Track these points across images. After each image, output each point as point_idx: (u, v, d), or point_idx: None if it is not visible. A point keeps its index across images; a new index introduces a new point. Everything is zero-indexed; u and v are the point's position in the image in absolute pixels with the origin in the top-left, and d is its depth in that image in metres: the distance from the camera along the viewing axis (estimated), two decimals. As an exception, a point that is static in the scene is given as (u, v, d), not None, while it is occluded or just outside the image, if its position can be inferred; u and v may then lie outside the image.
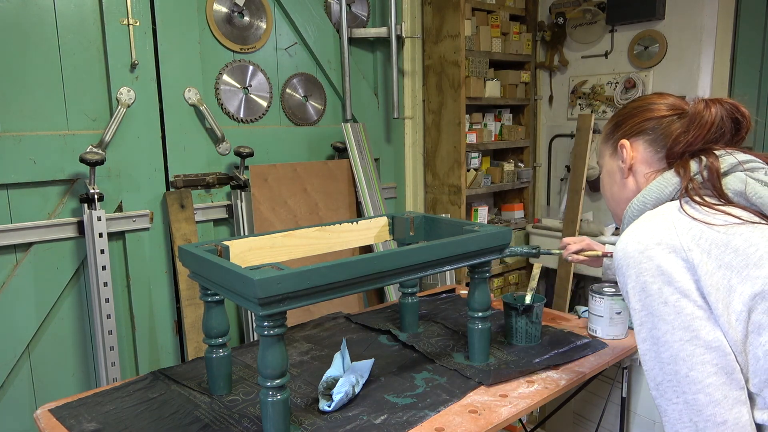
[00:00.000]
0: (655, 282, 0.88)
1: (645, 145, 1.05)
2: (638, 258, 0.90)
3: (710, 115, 0.98)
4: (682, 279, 0.87)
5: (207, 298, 1.30)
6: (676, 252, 0.88)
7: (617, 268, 0.95)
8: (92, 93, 2.24)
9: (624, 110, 1.11)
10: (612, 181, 1.12)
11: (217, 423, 1.21)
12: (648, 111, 1.05)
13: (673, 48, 3.05)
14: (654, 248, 0.90)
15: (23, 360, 2.16)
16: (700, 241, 0.88)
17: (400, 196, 3.32)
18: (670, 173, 0.99)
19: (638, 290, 0.90)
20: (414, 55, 3.23)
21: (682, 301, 0.87)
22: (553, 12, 3.52)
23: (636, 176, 1.06)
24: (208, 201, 2.56)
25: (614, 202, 1.13)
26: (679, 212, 0.93)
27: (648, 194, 1.00)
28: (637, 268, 0.90)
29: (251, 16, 2.64)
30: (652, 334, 0.90)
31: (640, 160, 1.06)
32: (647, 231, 0.92)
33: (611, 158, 1.11)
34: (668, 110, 1.03)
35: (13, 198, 2.10)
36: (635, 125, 1.06)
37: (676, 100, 1.04)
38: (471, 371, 1.42)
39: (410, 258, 1.25)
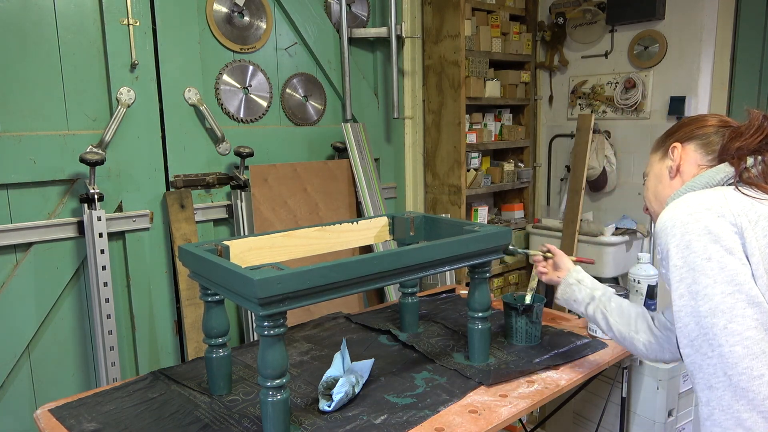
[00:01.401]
0: (700, 240, 0.91)
1: (695, 147, 1.11)
2: (686, 219, 0.93)
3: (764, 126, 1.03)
4: (728, 238, 0.90)
5: (207, 298, 1.30)
6: (725, 217, 0.92)
7: (659, 233, 0.97)
8: (92, 93, 2.24)
9: (679, 122, 1.19)
10: (657, 181, 1.16)
11: (217, 423, 1.21)
12: (701, 122, 1.13)
13: (673, 48, 3.05)
14: (704, 212, 0.93)
15: (23, 360, 2.16)
16: (749, 212, 0.92)
17: (400, 196, 3.32)
18: (723, 164, 1.04)
19: (682, 247, 0.92)
20: (414, 55, 3.23)
21: (726, 257, 0.89)
22: (553, 12, 3.52)
23: (683, 176, 1.11)
24: (208, 201, 2.56)
25: (657, 202, 1.16)
26: (733, 190, 0.97)
27: (698, 180, 1.04)
28: (683, 228, 0.93)
29: (251, 16, 2.64)
30: (691, 289, 0.91)
31: (688, 161, 1.11)
32: (697, 199, 0.96)
33: (660, 161, 1.16)
34: (719, 123, 1.11)
35: (13, 198, 2.10)
36: (688, 131, 1.13)
37: (725, 117, 1.13)
38: (471, 371, 1.42)
39: (410, 258, 1.25)
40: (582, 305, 1.38)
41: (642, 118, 3.21)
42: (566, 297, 1.42)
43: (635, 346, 1.29)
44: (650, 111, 3.17)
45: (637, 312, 1.31)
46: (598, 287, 1.39)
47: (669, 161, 1.14)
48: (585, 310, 1.37)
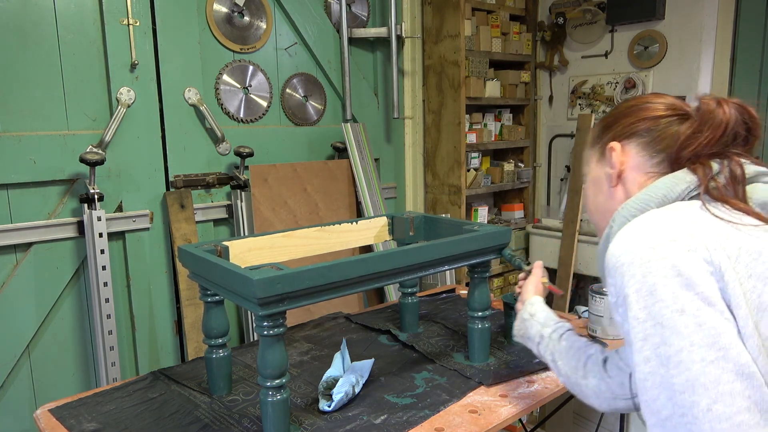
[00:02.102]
0: (668, 284, 0.68)
1: (638, 148, 0.89)
2: (647, 255, 0.71)
3: (724, 115, 0.83)
4: (704, 283, 0.68)
5: (207, 298, 1.30)
6: (698, 252, 0.70)
7: (609, 270, 0.76)
8: (92, 93, 2.24)
9: (615, 110, 0.96)
10: (598, 189, 0.96)
11: (217, 423, 1.21)
12: (643, 110, 0.90)
13: (673, 48, 3.05)
14: (669, 245, 0.71)
15: (23, 360, 2.16)
16: (727, 243, 0.71)
17: (400, 196, 3.32)
18: (681, 172, 0.83)
19: (644, 294, 0.70)
20: (414, 55, 3.23)
21: (704, 310, 0.67)
22: (553, 12, 3.52)
23: (626, 184, 0.90)
24: (208, 201, 2.56)
25: (599, 214, 0.97)
26: (701, 209, 0.76)
27: (653, 191, 0.82)
28: (644, 267, 0.71)
29: (251, 16, 2.64)
30: (659, 352, 0.68)
31: (631, 165, 0.90)
32: (658, 225, 0.74)
33: (598, 164, 0.96)
34: (666, 110, 0.88)
35: (13, 198, 2.10)
36: (627, 126, 0.91)
37: (676, 100, 0.90)
38: (471, 371, 1.42)
39: (410, 258, 1.25)
40: (533, 344, 1.17)
41: (642, 118, 3.20)
42: (521, 333, 1.22)
43: (584, 393, 1.07)
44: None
45: (589, 354, 1.09)
46: (549, 323, 1.17)
47: (608, 167, 0.92)
48: (537, 350, 1.16)
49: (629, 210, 0.82)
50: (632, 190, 0.88)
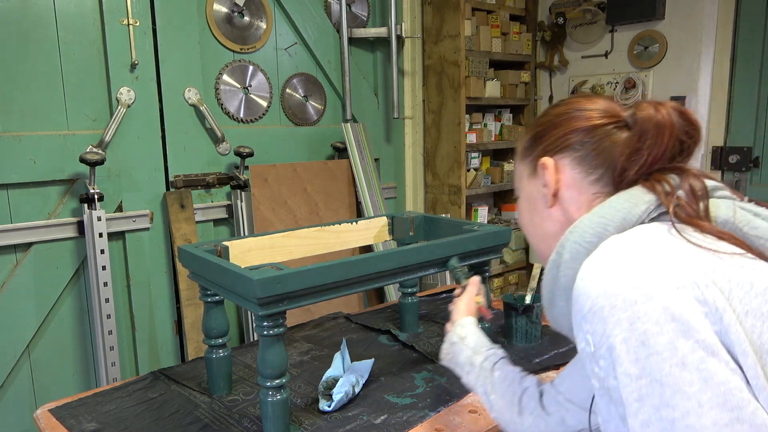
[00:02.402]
0: (663, 332, 0.56)
1: (572, 164, 0.78)
2: (630, 296, 0.58)
3: (668, 122, 0.72)
4: (702, 327, 0.56)
5: (207, 298, 1.30)
6: (687, 289, 0.58)
7: (584, 315, 0.62)
8: (92, 93, 2.24)
9: (544, 118, 0.83)
10: (533, 209, 0.84)
11: (217, 423, 1.21)
12: (575, 119, 0.78)
13: (673, 48, 3.05)
14: (654, 282, 0.59)
15: (23, 360, 2.16)
16: (715, 276, 0.60)
17: (400, 196, 3.32)
18: (637, 190, 0.71)
19: (634, 345, 0.57)
20: (414, 55, 3.23)
21: (709, 361, 0.55)
22: (553, 12, 3.52)
23: (564, 204, 0.79)
24: (208, 201, 2.56)
25: (537, 238, 0.86)
26: (673, 236, 0.65)
27: (609, 214, 0.69)
28: (630, 311, 0.58)
29: (251, 16, 2.64)
30: (661, 415, 0.56)
31: (567, 183, 0.78)
32: (634, 258, 0.62)
33: (530, 180, 0.84)
34: (601, 118, 0.77)
35: (13, 198, 2.10)
36: (558, 138, 0.79)
37: (609, 103, 0.79)
38: (471, 371, 1.42)
39: (410, 258, 1.25)
40: (463, 371, 1.06)
41: (642, 118, 3.20)
42: (449, 358, 1.10)
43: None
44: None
45: (524, 387, 0.99)
46: (481, 350, 1.05)
47: (541, 186, 0.81)
48: (467, 379, 1.05)
49: (582, 236, 0.70)
50: (572, 211, 0.78)
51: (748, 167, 2.94)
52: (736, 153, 2.97)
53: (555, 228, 0.80)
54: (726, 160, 3.00)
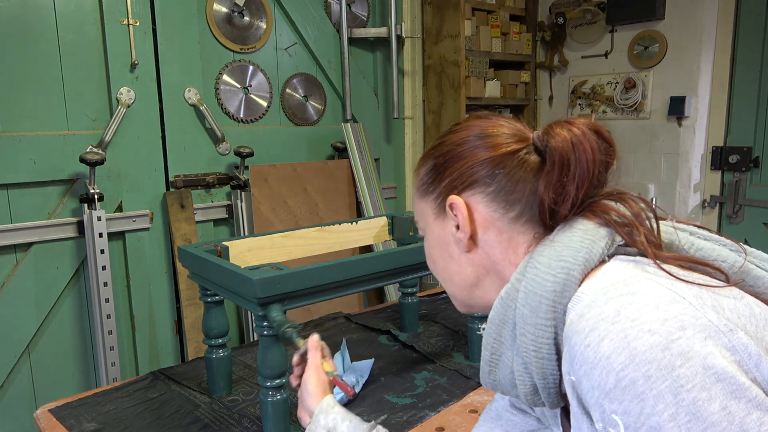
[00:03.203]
0: (713, 398, 0.48)
1: (485, 200, 0.67)
2: (664, 360, 0.49)
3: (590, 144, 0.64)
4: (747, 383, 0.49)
5: (207, 298, 1.30)
6: (714, 338, 0.50)
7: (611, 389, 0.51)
8: (92, 93, 2.24)
9: (442, 147, 0.71)
10: (447, 256, 0.72)
11: (217, 423, 1.21)
12: (479, 148, 0.67)
13: (673, 48, 3.05)
14: (682, 337, 0.50)
15: (23, 360, 2.16)
16: (727, 314, 0.53)
17: (400, 196, 3.32)
18: (586, 224, 0.62)
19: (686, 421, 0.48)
20: (414, 55, 3.23)
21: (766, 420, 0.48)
22: (553, 12, 3.52)
23: (485, 248, 0.68)
24: (208, 201, 2.56)
25: (455, 286, 0.74)
26: (658, 275, 0.57)
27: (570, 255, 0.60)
28: (670, 380, 0.48)
29: (251, 16, 2.64)
30: None
31: (484, 224, 0.68)
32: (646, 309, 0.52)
33: (437, 221, 0.72)
34: (509, 144, 0.67)
35: (13, 198, 2.09)
36: (466, 172, 0.68)
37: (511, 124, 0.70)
38: (471, 371, 1.42)
39: (410, 258, 1.25)
40: None
41: (642, 118, 3.21)
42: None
43: None
44: (650, 111, 3.17)
45: None
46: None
47: (452, 227, 0.69)
48: None
49: (542, 284, 0.59)
50: (494, 253, 0.68)
51: (748, 167, 2.94)
52: (736, 153, 2.97)
53: (477, 273, 0.70)
54: (726, 160, 3.00)
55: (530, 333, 0.60)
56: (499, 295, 0.65)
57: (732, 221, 3.02)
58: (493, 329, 0.65)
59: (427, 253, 0.77)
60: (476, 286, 0.71)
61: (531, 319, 0.60)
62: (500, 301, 0.64)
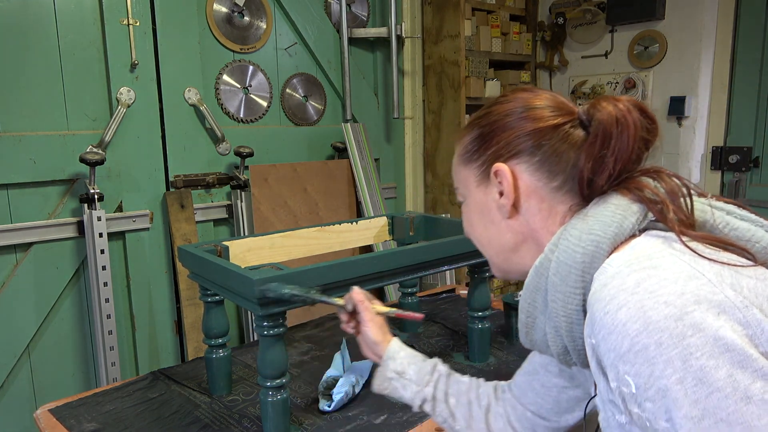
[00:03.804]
0: (720, 366, 0.52)
1: (530, 170, 0.71)
2: (676, 330, 0.53)
3: (629, 121, 0.66)
4: (756, 354, 0.53)
5: (207, 298, 1.30)
6: (728, 313, 0.54)
7: (625, 353, 0.56)
8: (92, 93, 2.24)
9: (489, 117, 0.75)
10: (488, 220, 0.77)
11: (217, 423, 1.21)
12: (526, 120, 0.71)
13: (673, 48, 3.05)
14: (695, 310, 0.54)
15: (23, 360, 2.16)
16: (744, 293, 0.56)
17: (400, 196, 3.32)
18: (620, 199, 0.66)
19: (692, 384, 0.52)
20: (414, 55, 3.23)
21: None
22: (553, 12, 3.52)
23: (525, 215, 0.73)
24: (208, 201, 2.56)
25: (492, 250, 0.79)
26: (683, 252, 0.59)
27: (600, 229, 0.63)
28: (680, 348, 0.53)
29: (251, 16, 2.64)
30: None
31: (526, 192, 0.72)
32: (664, 283, 0.56)
33: (480, 188, 0.76)
34: (555, 117, 0.70)
35: (13, 198, 2.10)
36: (511, 142, 0.72)
37: (556, 98, 0.73)
38: (471, 371, 1.42)
39: (410, 258, 1.25)
40: (414, 405, 0.95)
41: (642, 118, 3.20)
42: (387, 392, 0.96)
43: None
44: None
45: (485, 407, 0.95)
46: (425, 378, 0.95)
47: (495, 193, 0.74)
48: (420, 409, 0.96)
49: (572, 255, 0.64)
50: (534, 221, 0.72)
51: (748, 167, 2.94)
52: (736, 153, 2.97)
53: (515, 240, 0.75)
54: (726, 160, 3.00)
55: (560, 300, 0.65)
56: (534, 264, 0.69)
57: (732, 221, 3.02)
58: (528, 295, 0.70)
59: (466, 218, 0.82)
60: (514, 252, 0.76)
61: (561, 288, 0.64)
62: (534, 270, 0.69)
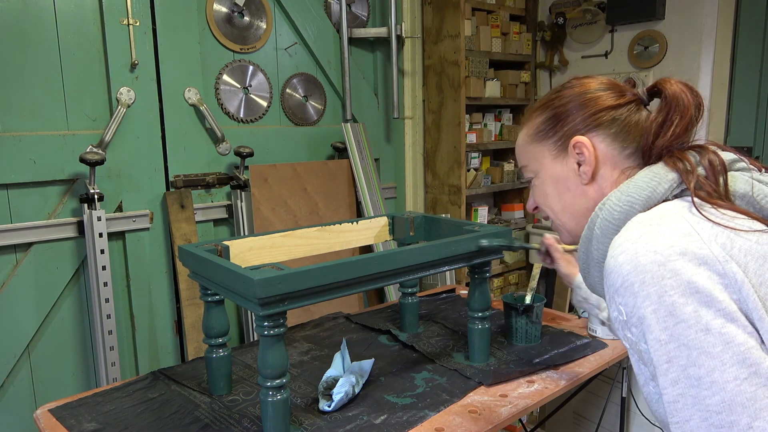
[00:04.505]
0: (688, 303, 0.65)
1: (607, 141, 0.84)
2: (658, 272, 0.67)
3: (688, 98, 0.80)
4: (722, 298, 0.65)
5: (207, 298, 1.30)
6: (708, 265, 0.66)
7: (617, 289, 0.71)
8: (92, 93, 2.24)
9: (562, 99, 0.88)
10: (564, 188, 0.88)
11: (217, 423, 1.21)
12: (600, 99, 0.85)
13: (673, 48, 3.05)
14: (678, 259, 0.67)
15: (23, 360, 2.16)
16: (732, 251, 0.68)
17: (400, 196, 3.32)
18: (660, 168, 0.78)
19: (663, 315, 0.66)
20: (414, 55, 3.23)
21: (729, 326, 0.64)
22: (553, 12, 3.52)
23: (599, 182, 0.85)
24: (208, 201, 2.56)
25: (566, 216, 0.90)
26: (694, 214, 0.71)
27: (635, 192, 0.77)
28: (658, 285, 0.67)
29: (251, 16, 2.64)
30: (688, 373, 0.65)
31: (603, 160, 0.84)
32: (660, 237, 0.69)
33: (556, 161, 0.88)
34: (621, 97, 0.85)
35: (13, 198, 2.10)
36: (589, 117, 0.84)
37: (614, 82, 0.88)
38: (471, 371, 1.42)
39: (410, 258, 1.25)
40: None
41: (642, 118, 3.21)
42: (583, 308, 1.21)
43: None
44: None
45: None
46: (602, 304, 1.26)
47: (573, 163, 0.86)
48: None
49: (611, 213, 0.77)
50: (605, 188, 0.84)
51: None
52: (736, 153, 2.97)
53: (588, 205, 0.86)
54: (726, 160, 2.99)
55: (600, 249, 0.79)
56: (588, 219, 0.82)
57: (732, 221, 3.02)
58: (583, 245, 0.83)
59: (539, 191, 0.92)
60: (584, 216, 0.86)
61: (602, 239, 0.79)
62: (588, 224, 0.82)
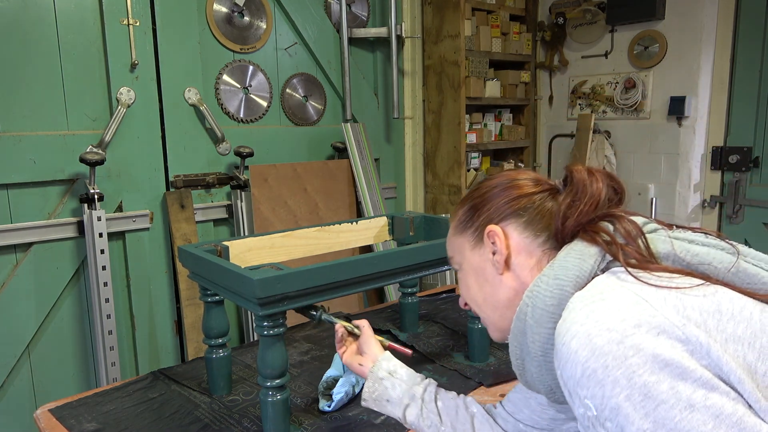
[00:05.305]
0: (661, 380, 0.58)
1: (519, 229, 0.81)
2: (619, 352, 0.60)
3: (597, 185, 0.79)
4: (694, 366, 0.59)
5: (207, 298, 1.30)
6: (667, 333, 0.60)
7: (578, 382, 0.62)
8: (92, 93, 2.24)
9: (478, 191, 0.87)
10: (483, 280, 0.84)
11: (217, 423, 1.21)
12: (513, 188, 0.83)
13: (673, 48, 3.05)
14: (635, 332, 0.60)
15: (23, 360, 2.16)
16: (687, 312, 0.62)
17: (400, 196, 3.32)
18: (579, 244, 0.74)
19: (639, 400, 0.58)
20: (414, 55, 3.23)
21: (712, 396, 0.58)
22: (553, 12, 3.52)
23: (516, 270, 0.81)
24: (208, 201, 2.56)
25: (489, 308, 0.85)
26: (633, 283, 0.66)
27: (562, 274, 0.72)
28: (623, 367, 0.59)
29: (251, 16, 2.64)
30: None
31: (517, 248, 0.81)
32: (609, 312, 0.63)
33: (474, 251, 0.85)
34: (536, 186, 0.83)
35: (13, 198, 2.10)
36: (502, 206, 0.82)
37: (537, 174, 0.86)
38: (471, 371, 1.42)
39: (410, 258, 1.25)
40: (399, 407, 0.99)
41: (642, 118, 3.21)
42: (375, 396, 1.01)
43: None
44: (650, 111, 3.17)
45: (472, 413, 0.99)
46: (417, 381, 1.01)
47: (488, 253, 0.83)
48: (403, 414, 0.98)
49: (543, 300, 0.72)
50: (524, 276, 0.80)
51: (748, 167, 2.94)
52: (736, 153, 2.97)
53: (508, 295, 0.81)
54: (726, 160, 3.00)
55: (538, 341, 0.72)
56: (516, 311, 0.76)
57: (732, 221, 3.02)
58: (515, 339, 0.77)
59: (463, 283, 0.89)
60: (508, 308, 0.81)
61: (537, 329, 0.72)
62: (517, 316, 0.76)
